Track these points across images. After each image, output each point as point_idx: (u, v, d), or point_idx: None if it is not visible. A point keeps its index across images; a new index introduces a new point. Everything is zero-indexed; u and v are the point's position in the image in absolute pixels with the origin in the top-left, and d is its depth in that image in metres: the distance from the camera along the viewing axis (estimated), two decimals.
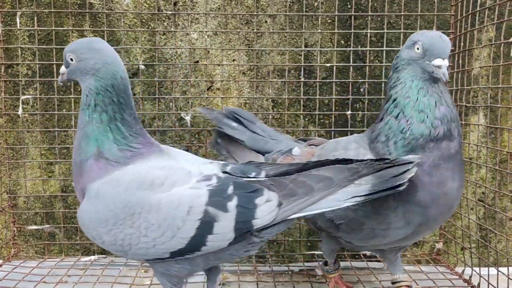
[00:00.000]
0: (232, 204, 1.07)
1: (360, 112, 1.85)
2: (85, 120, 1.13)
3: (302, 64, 1.83)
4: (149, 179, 1.08)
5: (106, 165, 1.11)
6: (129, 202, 1.06)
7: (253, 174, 1.14)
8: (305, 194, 1.08)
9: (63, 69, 1.18)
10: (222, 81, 1.84)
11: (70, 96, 1.81)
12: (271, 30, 1.83)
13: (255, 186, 1.10)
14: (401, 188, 1.11)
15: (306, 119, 1.87)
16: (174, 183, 1.08)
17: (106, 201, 1.08)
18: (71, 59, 1.14)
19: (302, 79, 1.83)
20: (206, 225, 1.06)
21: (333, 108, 1.84)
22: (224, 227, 1.07)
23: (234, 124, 1.58)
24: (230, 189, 1.08)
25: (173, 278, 1.15)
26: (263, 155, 1.52)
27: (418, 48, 1.19)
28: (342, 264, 1.77)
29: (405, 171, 1.11)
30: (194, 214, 1.06)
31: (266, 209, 1.08)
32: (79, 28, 1.80)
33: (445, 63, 1.16)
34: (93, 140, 1.12)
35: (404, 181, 1.10)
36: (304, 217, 1.21)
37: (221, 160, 1.40)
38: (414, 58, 1.20)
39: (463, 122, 1.71)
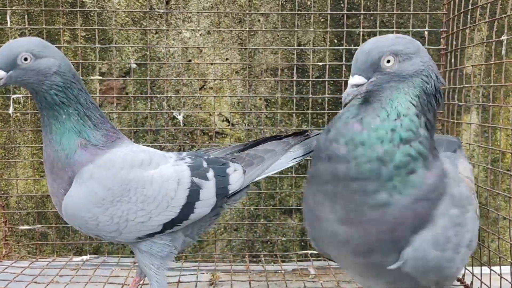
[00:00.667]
0: (211, 174, 1.27)
1: None
2: (61, 118, 1.14)
3: (295, 63, 1.83)
4: (138, 160, 1.20)
5: (96, 149, 1.17)
6: (125, 180, 1.16)
7: (205, 158, 1.34)
8: (259, 162, 1.35)
9: (0, 73, 1.07)
10: (215, 80, 1.84)
11: None
12: (264, 29, 1.82)
13: (222, 161, 1.33)
14: None
15: (299, 118, 1.87)
16: (158, 162, 1.23)
17: (102, 181, 1.14)
18: (25, 59, 1.08)
19: (295, 78, 1.83)
20: (194, 193, 1.23)
21: (326, 107, 1.83)
22: (208, 193, 1.26)
23: None
24: (205, 164, 1.29)
25: (154, 259, 1.25)
26: None
27: None
28: (335, 263, 1.77)
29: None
30: (183, 184, 1.22)
31: (236, 176, 1.31)
32: (71, 27, 1.79)
33: (350, 81, 0.92)
34: (76, 134, 1.15)
35: None
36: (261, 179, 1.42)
37: None
38: None
39: (455, 121, 1.72)
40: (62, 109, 1.13)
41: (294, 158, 1.40)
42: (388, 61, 0.91)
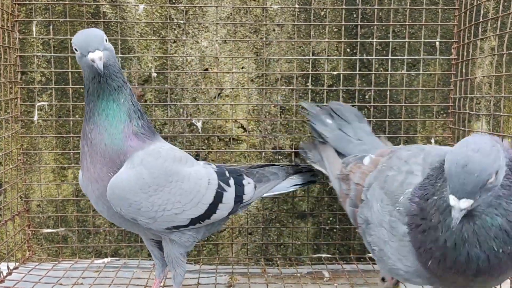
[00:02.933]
0: (231, 182, 1.41)
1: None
2: (120, 101, 1.23)
3: (310, 72, 1.88)
4: (178, 156, 1.32)
5: (144, 138, 1.27)
6: (169, 171, 1.26)
7: (225, 167, 1.48)
8: (266, 182, 1.51)
9: (99, 52, 1.15)
10: (232, 88, 1.89)
11: (84, 102, 1.84)
12: (279, 39, 1.88)
13: (240, 171, 1.48)
14: (316, 181, 1.71)
15: None
16: (192, 162, 1.36)
17: (150, 169, 1.23)
18: (106, 40, 1.20)
19: (310, 87, 1.88)
20: (219, 195, 1.37)
21: None
22: (229, 198, 1.39)
23: (328, 121, 1.63)
24: (227, 172, 1.43)
25: (181, 248, 1.36)
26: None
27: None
28: (348, 266, 1.83)
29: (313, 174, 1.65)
30: (212, 185, 1.35)
31: (249, 188, 1.45)
32: None
33: (459, 205, 0.91)
34: (129, 119, 1.25)
35: (317, 177, 1.68)
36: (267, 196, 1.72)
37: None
38: None
39: (466, 129, 1.77)
40: (121, 92, 1.23)
41: (294, 185, 1.61)
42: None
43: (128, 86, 1.27)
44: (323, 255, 1.92)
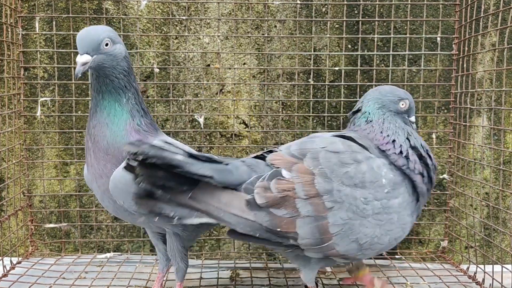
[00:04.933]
0: None
1: None
2: (122, 102, 1.24)
3: (311, 67, 1.89)
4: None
5: (147, 135, 1.27)
6: None
7: None
8: None
9: (86, 57, 1.15)
10: (234, 84, 1.90)
11: (86, 98, 1.86)
12: (281, 35, 1.88)
13: None
14: None
15: (315, 121, 1.93)
16: None
17: None
18: (106, 44, 1.18)
19: (311, 82, 1.89)
20: None
21: (341, 110, 1.89)
22: None
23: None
24: None
25: (184, 242, 1.37)
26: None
27: None
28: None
29: None
30: None
31: None
32: None
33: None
34: (132, 117, 1.25)
35: None
36: None
37: None
38: None
39: (467, 124, 1.77)
40: (124, 93, 1.23)
41: None
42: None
43: (133, 86, 1.26)
44: None
